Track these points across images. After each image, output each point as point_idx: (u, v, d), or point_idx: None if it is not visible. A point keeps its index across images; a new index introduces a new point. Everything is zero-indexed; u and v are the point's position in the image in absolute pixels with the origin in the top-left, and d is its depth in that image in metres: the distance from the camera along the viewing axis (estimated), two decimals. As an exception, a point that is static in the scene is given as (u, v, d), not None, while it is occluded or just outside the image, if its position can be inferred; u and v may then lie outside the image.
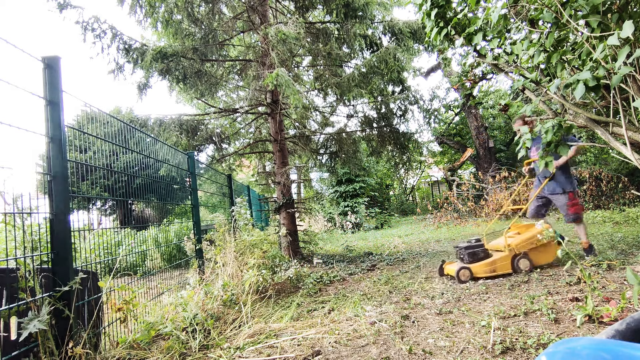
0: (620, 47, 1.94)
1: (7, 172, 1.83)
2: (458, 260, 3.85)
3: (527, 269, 3.60)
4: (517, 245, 3.66)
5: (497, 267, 3.58)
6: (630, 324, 0.62)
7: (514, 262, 3.62)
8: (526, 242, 3.69)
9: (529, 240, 3.70)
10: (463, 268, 3.54)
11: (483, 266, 3.58)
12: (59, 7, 4.55)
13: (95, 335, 2.26)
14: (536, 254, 3.72)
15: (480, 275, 3.56)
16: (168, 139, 5.66)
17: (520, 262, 3.61)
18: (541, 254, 3.74)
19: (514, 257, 3.63)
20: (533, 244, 3.70)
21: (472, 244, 3.76)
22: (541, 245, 3.72)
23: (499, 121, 16.26)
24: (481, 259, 3.69)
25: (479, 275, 3.56)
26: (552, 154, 4.07)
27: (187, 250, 4.27)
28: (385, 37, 6.24)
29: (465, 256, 3.70)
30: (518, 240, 3.70)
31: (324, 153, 7.14)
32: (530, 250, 3.69)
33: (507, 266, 3.60)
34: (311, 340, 2.44)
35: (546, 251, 3.76)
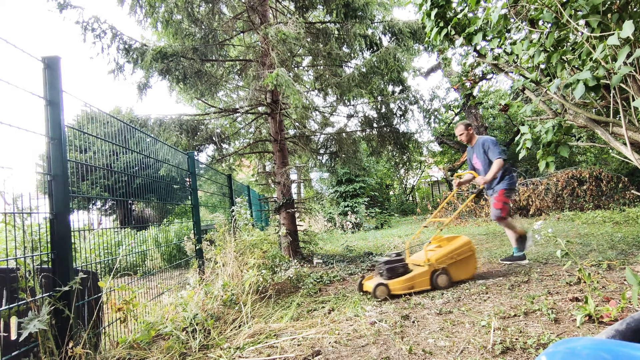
0: (620, 47, 1.94)
1: (7, 172, 1.83)
2: (377, 275, 3.59)
3: (444, 285, 3.42)
4: (436, 260, 3.47)
5: (416, 283, 3.37)
6: (630, 324, 0.62)
7: (433, 277, 3.42)
8: (446, 256, 3.51)
9: (449, 254, 3.52)
10: (380, 284, 3.32)
11: (401, 282, 3.36)
12: (59, 7, 4.55)
13: (95, 335, 2.26)
14: (456, 269, 3.53)
15: (398, 292, 3.34)
16: (168, 139, 5.66)
17: (438, 278, 3.42)
18: (461, 268, 3.56)
19: (433, 272, 3.44)
20: (453, 258, 3.52)
21: (392, 259, 3.52)
22: (462, 259, 3.55)
23: (499, 121, 16.26)
24: (400, 274, 3.44)
25: (396, 292, 3.34)
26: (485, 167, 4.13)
27: (187, 251, 4.27)
28: (385, 37, 6.24)
29: (384, 271, 3.46)
30: (438, 254, 3.51)
31: (324, 153, 7.14)
32: (450, 265, 3.50)
33: (425, 282, 3.40)
34: (311, 340, 2.44)
35: (466, 265, 3.58)
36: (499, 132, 16.16)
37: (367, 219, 13.04)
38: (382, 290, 3.31)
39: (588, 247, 4.54)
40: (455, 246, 3.58)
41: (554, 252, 4.47)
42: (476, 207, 10.56)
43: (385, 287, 3.32)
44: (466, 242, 3.63)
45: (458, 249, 3.56)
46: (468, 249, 3.59)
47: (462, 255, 3.56)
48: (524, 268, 3.86)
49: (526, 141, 2.73)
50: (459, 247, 3.57)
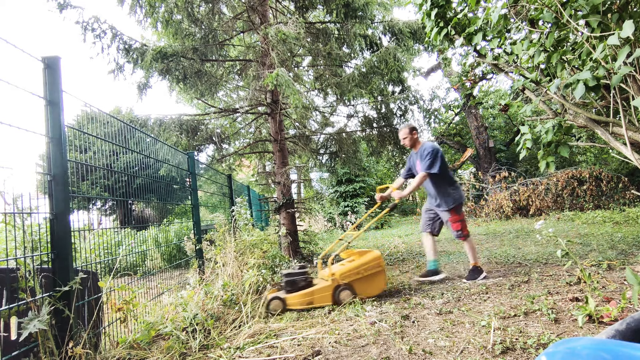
0: (620, 47, 1.94)
1: (7, 172, 1.83)
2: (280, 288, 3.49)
3: (348, 300, 3.24)
4: (341, 275, 3.29)
5: (315, 298, 3.21)
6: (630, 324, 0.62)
7: (335, 293, 3.25)
8: (352, 271, 3.32)
9: (355, 269, 3.33)
10: (275, 298, 3.21)
11: (300, 297, 3.21)
12: (59, 7, 4.55)
13: (95, 335, 2.26)
14: (362, 285, 3.33)
15: (295, 307, 3.20)
16: (168, 139, 5.66)
17: (341, 294, 3.24)
18: (367, 284, 3.35)
19: (336, 287, 3.26)
20: (359, 274, 3.33)
21: (293, 271, 3.38)
22: (369, 275, 3.36)
23: (499, 121, 16.26)
24: (301, 288, 3.29)
25: (293, 307, 3.21)
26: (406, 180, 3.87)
27: (187, 251, 4.27)
28: (385, 37, 6.24)
29: (283, 284, 3.34)
30: (343, 269, 3.33)
31: (324, 153, 7.14)
32: (355, 281, 3.31)
33: (327, 298, 3.23)
34: (311, 340, 2.44)
35: (374, 281, 3.38)
36: (499, 132, 16.16)
37: (367, 219, 13.03)
38: (276, 304, 3.19)
39: (588, 247, 4.54)
40: (363, 261, 3.38)
41: (554, 252, 4.47)
42: (476, 208, 10.56)
43: (281, 300, 3.21)
44: (375, 257, 3.42)
45: (365, 264, 3.37)
46: (376, 264, 3.38)
47: (369, 271, 3.36)
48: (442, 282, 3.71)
49: (526, 141, 2.73)
50: (367, 263, 3.37)
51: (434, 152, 3.64)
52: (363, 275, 3.35)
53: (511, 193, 9.83)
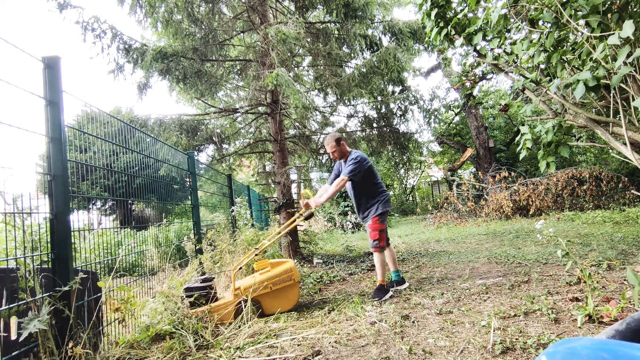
0: (620, 47, 1.94)
1: (7, 172, 1.83)
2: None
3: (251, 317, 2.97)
4: (246, 289, 3.04)
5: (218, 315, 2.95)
6: (630, 324, 0.62)
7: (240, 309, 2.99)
8: (259, 285, 3.07)
9: (263, 283, 3.09)
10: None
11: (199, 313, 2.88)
12: (59, 7, 4.55)
13: (95, 335, 2.26)
14: (271, 300, 3.11)
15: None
16: (168, 139, 5.66)
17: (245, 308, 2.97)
18: (278, 299, 3.13)
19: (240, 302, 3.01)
20: (268, 287, 3.09)
21: (194, 285, 3.07)
22: (279, 288, 3.13)
23: (499, 121, 16.26)
24: (203, 303, 3.00)
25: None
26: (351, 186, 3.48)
27: (187, 251, 4.27)
28: (385, 37, 6.24)
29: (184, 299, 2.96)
30: (249, 283, 3.09)
31: (324, 153, 7.14)
32: (264, 295, 3.09)
33: (229, 314, 2.97)
34: (311, 340, 2.44)
35: (285, 296, 3.16)
36: (499, 132, 16.16)
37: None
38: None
39: (588, 247, 4.54)
40: (272, 274, 3.15)
41: (554, 252, 4.47)
42: (476, 207, 10.56)
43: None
44: (287, 269, 3.18)
45: (275, 277, 3.13)
46: (287, 277, 3.15)
47: (279, 285, 3.12)
48: (405, 290, 3.53)
49: (526, 141, 2.73)
50: (277, 276, 3.14)
51: (360, 159, 3.48)
52: (272, 290, 3.11)
53: (511, 193, 9.83)
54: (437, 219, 10.84)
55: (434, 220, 10.85)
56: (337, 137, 3.58)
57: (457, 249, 5.91)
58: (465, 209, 10.68)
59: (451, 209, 11.09)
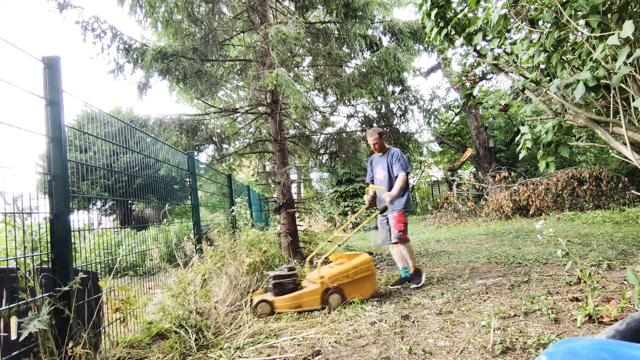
0: (620, 47, 1.94)
1: (7, 172, 1.83)
2: (266, 290, 3.39)
3: (336, 305, 3.18)
4: (330, 278, 3.25)
5: (304, 301, 3.16)
6: (630, 324, 0.62)
7: (324, 296, 3.19)
8: (341, 274, 3.28)
9: (345, 273, 3.30)
10: (262, 301, 3.14)
11: (288, 300, 3.15)
12: (59, 7, 4.55)
13: (96, 335, 2.26)
14: (351, 288, 3.29)
15: (283, 309, 3.13)
16: (168, 139, 5.66)
17: (330, 297, 3.18)
18: (357, 287, 3.33)
19: (325, 290, 3.20)
20: (349, 277, 3.29)
21: (281, 273, 3.30)
22: (359, 278, 3.33)
23: (499, 121, 16.26)
24: (289, 290, 3.23)
25: (281, 310, 3.14)
26: (386, 180, 3.88)
27: (187, 251, 4.26)
28: (386, 37, 6.24)
29: (271, 287, 3.25)
30: (332, 272, 3.29)
31: (324, 153, 7.14)
32: (345, 284, 3.27)
33: (315, 301, 3.17)
34: (311, 340, 2.44)
35: (363, 285, 3.36)
36: (499, 132, 16.16)
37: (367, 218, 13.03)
38: (264, 308, 3.12)
39: (588, 247, 4.54)
40: (353, 264, 3.36)
41: (554, 252, 4.47)
42: (476, 207, 10.56)
43: (269, 304, 3.13)
44: (366, 260, 3.41)
45: (355, 267, 3.34)
46: (367, 267, 3.37)
47: (359, 275, 3.34)
48: (424, 285, 3.66)
49: (526, 141, 2.73)
50: (357, 266, 3.35)
51: (402, 155, 3.88)
52: (352, 279, 3.30)
53: (511, 193, 9.83)
54: (437, 219, 10.84)
55: (434, 220, 10.85)
56: (380, 131, 3.99)
57: (457, 249, 5.91)
58: (465, 209, 10.68)
59: (451, 209, 11.09)
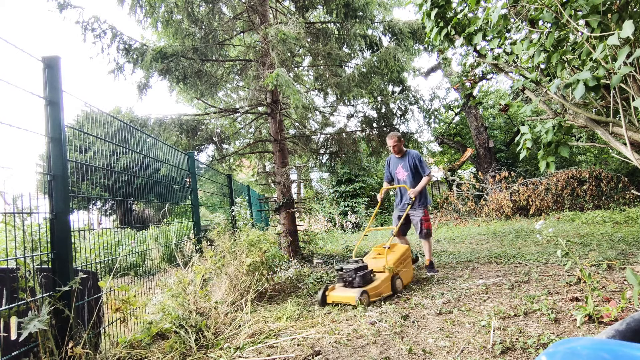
0: (620, 47, 1.94)
1: (7, 172, 1.83)
2: (344, 284, 3.40)
3: (400, 289, 3.49)
4: (394, 264, 3.53)
5: (382, 289, 3.31)
6: (630, 324, 0.62)
7: (393, 282, 3.44)
8: (398, 261, 3.63)
9: (400, 260, 3.66)
10: (364, 292, 3.15)
11: (375, 288, 3.26)
12: (59, 7, 4.55)
13: (96, 335, 2.26)
14: (405, 274, 3.67)
15: (374, 298, 3.21)
16: (168, 139, 5.66)
17: (396, 283, 3.46)
18: (407, 273, 3.71)
19: (392, 277, 3.45)
20: (402, 263, 3.68)
21: (361, 265, 3.41)
22: (407, 264, 3.75)
23: (499, 121, 16.26)
24: (370, 281, 3.38)
25: (373, 299, 3.21)
26: (410, 180, 4.24)
27: (186, 251, 4.26)
28: (386, 37, 6.24)
29: (356, 279, 3.29)
30: (394, 259, 3.59)
31: (324, 153, 7.14)
32: (401, 271, 3.62)
33: (389, 287, 3.39)
34: (311, 340, 2.44)
35: (409, 270, 3.77)
36: (499, 132, 16.16)
37: (367, 219, 13.04)
38: (365, 298, 3.16)
39: (588, 247, 4.54)
40: (402, 252, 3.74)
41: (554, 252, 4.47)
42: (476, 207, 10.56)
43: (367, 294, 3.19)
44: (407, 249, 3.85)
45: (403, 254, 3.74)
46: (408, 255, 3.81)
47: (406, 261, 3.75)
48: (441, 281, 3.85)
49: (526, 141, 2.73)
50: (404, 253, 3.76)
51: (422, 158, 4.27)
52: (404, 265, 3.70)
53: (511, 193, 9.83)
54: (437, 219, 10.84)
55: (434, 220, 10.85)
56: (400, 135, 4.31)
57: (457, 249, 5.91)
58: (465, 209, 10.68)
59: (451, 209, 11.09)
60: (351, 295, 3.12)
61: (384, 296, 3.28)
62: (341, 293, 3.23)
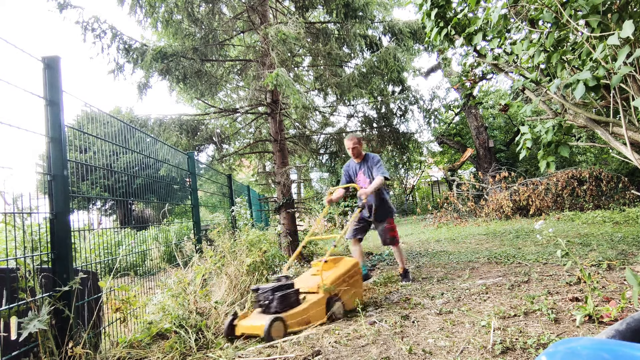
0: (620, 47, 1.94)
1: (7, 172, 1.83)
2: (260, 307, 2.66)
3: (340, 315, 2.82)
4: (332, 284, 2.82)
5: (312, 315, 2.64)
6: (630, 324, 0.62)
7: (329, 306, 2.77)
8: (339, 279, 2.91)
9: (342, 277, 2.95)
10: (277, 320, 2.41)
11: (297, 315, 2.57)
12: (59, 7, 4.55)
13: (96, 335, 2.26)
14: (349, 294, 2.96)
15: (295, 328, 2.53)
16: (168, 139, 5.66)
17: (335, 306, 2.78)
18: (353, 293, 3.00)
19: (329, 300, 2.78)
20: (346, 282, 2.95)
21: (283, 283, 2.69)
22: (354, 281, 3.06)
23: (499, 121, 16.26)
24: (294, 304, 2.64)
25: (293, 329, 2.51)
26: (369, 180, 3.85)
27: (186, 251, 4.26)
28: (386, 37, 6.24)
29: (273, 302, 2.55)
30: (333, 277, 2.90)
31: (324, 153, 7.15)
32: (344, 291, 2.92)
33: (321, 313, 2.70)
34: (311, 340, 2.44)
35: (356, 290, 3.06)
36: (499, 132, 16.16)
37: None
38: (279, 329, 2.43)
39: (588, 247, 4.54)
40: (347, 268, 3.07)
41: (554, 252, 4.47)
42: (476, 207, 10.56)
43: (283, 322, 2.45)
44: (355, 263, 3.21)
45: (349, 270, 3.06)
46: (357, 271, 3.16)
47: (353, 278, 3.07)
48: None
49: (526, 141, 2.73)
50: (350, 269, 3.08)
51: (382, 160, 3.91)
52: (349, 283, 2.99)
53: (511, 193, 9.83)
54: (437, 219, 10.84)
55: (434, 220, 10.85)
56: (360, 136, 3.98)
57: (457, 249, 5.91)
58: (465, 209, 10.68)
59: (451, 209, 11.09)
60: (258, 325, 2.39)
61: (314, 325, 2.61)
62: (251, 322, 2.51)
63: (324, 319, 2.70)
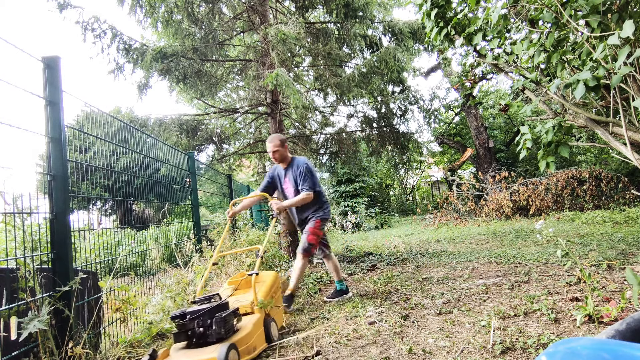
0: (620, 47, 1.94)
1: (7, 172, 1.83)
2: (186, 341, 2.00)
3: (277, 337, 2.46)
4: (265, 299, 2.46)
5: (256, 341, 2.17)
6: (630, 324, 0.62)
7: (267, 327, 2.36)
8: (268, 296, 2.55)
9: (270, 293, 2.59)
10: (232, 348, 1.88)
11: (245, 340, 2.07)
12: (59, 7, 4.55)
13: (96, 335, 2.26)
14: (276, 311, 2.64)
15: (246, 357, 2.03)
16: (168, 139, 5.66)
17: (272, 328, 2.40)
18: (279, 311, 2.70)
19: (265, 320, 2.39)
20: (273, 298, 2.64)
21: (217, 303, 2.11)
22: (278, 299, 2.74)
23: (499, 121, 16.26)
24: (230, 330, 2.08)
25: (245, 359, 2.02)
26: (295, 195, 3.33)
27: (186, 251, 4.27)
28: (386, 37, 6.24)
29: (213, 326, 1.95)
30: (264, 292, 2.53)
31: (324, 153, 7.14)
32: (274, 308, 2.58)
33: (261, 338, 2.28)
34: (311, 340, 2.44)
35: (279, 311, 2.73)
36: (499, 132, 16.16)
37: (367, 219, 13.04)
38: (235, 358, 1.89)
39: (588, 247, 4.54)
40: (272, 281, 2.73)
41: (554, 252, 4.47)
42: (476, 207, 10.56)
43: (236, 350, 1.92)
44: (276, 275, 2.90)
45: (274, 284, 2.73)
46: (279, 284, 2.87)
47: (277, 294, 2.73)
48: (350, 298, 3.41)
49: (526, 141, 2.73)
50: (274, 283, 2.75)
51: (309, 169, 3.31)
52: (276, 299, 2.68)
53: (511, 193, 9.83)
54: (437, 219, 10.84)
55: (434, 220, 10.85)
56: (283, 138, 3.41)
57: (457, 249, 5.91)
58: (465, 209, 10.68)
59: (451, 209, 11.09)
60: (209, 358, 1.79)
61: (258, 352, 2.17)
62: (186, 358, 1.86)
63: (264, 345, 2.29)
